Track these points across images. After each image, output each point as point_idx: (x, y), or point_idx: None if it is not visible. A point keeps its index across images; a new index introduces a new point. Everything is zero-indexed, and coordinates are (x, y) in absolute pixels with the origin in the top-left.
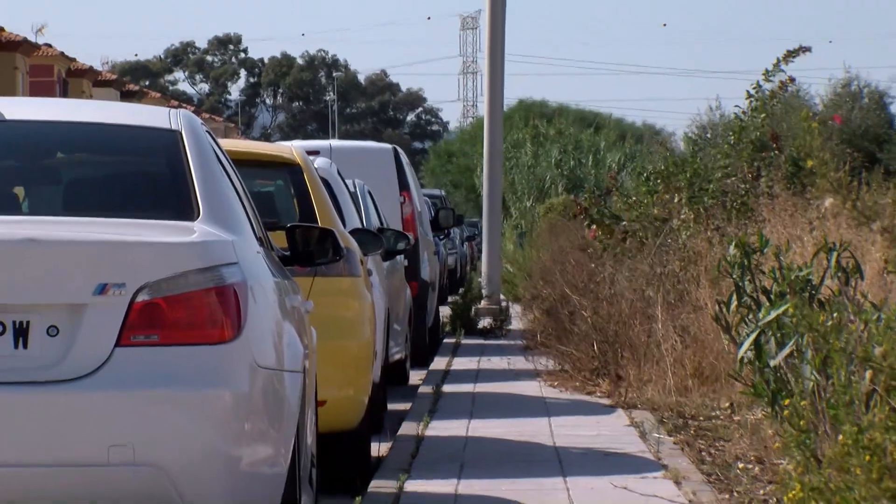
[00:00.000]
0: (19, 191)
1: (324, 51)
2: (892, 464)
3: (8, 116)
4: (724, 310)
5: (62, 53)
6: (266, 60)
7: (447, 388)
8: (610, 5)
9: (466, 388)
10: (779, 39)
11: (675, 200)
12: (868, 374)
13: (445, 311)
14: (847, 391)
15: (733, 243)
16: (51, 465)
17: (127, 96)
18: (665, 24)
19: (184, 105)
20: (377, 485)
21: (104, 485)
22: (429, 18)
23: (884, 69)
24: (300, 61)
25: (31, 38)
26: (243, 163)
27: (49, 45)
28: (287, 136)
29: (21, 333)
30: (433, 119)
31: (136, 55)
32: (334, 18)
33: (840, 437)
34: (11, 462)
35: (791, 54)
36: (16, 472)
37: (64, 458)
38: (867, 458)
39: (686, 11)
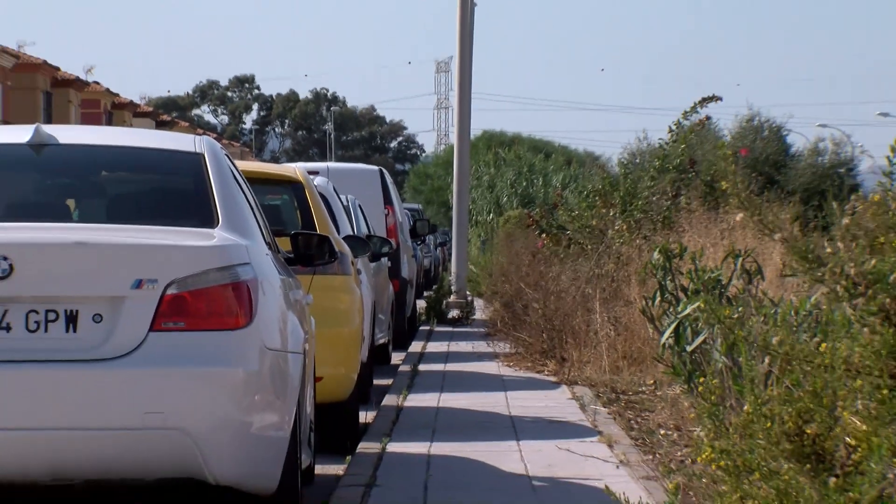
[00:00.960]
0: (71, 202)
1: (324, 88)
2: (787, 430)
3: (62, 141)
4: (650, 304)
5: (107, 89)
6: (275, 96)
7: (422, 367)
8: (560, 52)
9: (438, 367)
10: (697, 82)
11: (610, 214)
12: (766, 359)
13: (421, 304)
14: (749, 372)
15: (657, 249)
16: (96, 429)
17: (161, 125)
18: (603, 69)
19: (207, 133)
20: (364, 446)
21: (140, 445)
22: (409, 63)
23: (781, 107)
24: (304, 97)
25: (83, 77)
26: (255, 180)
27: (97, 83)
28: (292, 159)
29: (71, 320)
30: (412, 146)
31: (168, 91)
32: (333, 62)
33: (745, 408)
34: (64, 426)
35: (705, 101)
36: (67, 435)
37: (107, 423)
38: (767, 425)
39: (623, 56)
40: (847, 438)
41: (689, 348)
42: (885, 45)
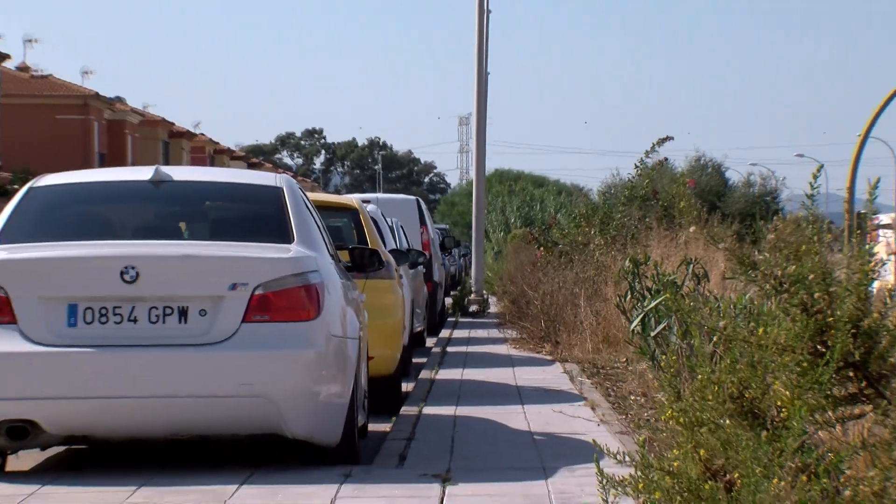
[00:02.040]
0: (182, 225)
1: (376, 137)
2: (730, 394)
3: (175, 178)
4: (623, 300)
5: (210, 139)
6: (338, 143)
7: (450, 349)
8: (553, 109)
9: (462, 349)
10: (658, 131)
11: (592, 232)
12: (713, 340)
13: (448, 301)
14: (700, 350)
15: (628, 259)
16: (202, 397)
17: (251, 167)
18: (586, 122)
19: (285, 171)
20: (405, 410)
21: (235, 408)
22: (438, 118)
23: (720, 149)
24: (360, 144)
25: (192, 130)
26: (322, 207)
27: (202, 134)
28: (350, 191)
29: (182, 314)
30: (441, 181)
31: (256, 140)
32: (382, 116)
33: (698, 377)
34: (178, 395)
35: (661, 141)
36: (181, 402)
37: (210, 392)
38: (715, 390)
39: (600, 112)
40: (776, 401)
41: (652, 334)
42: (802, 100)
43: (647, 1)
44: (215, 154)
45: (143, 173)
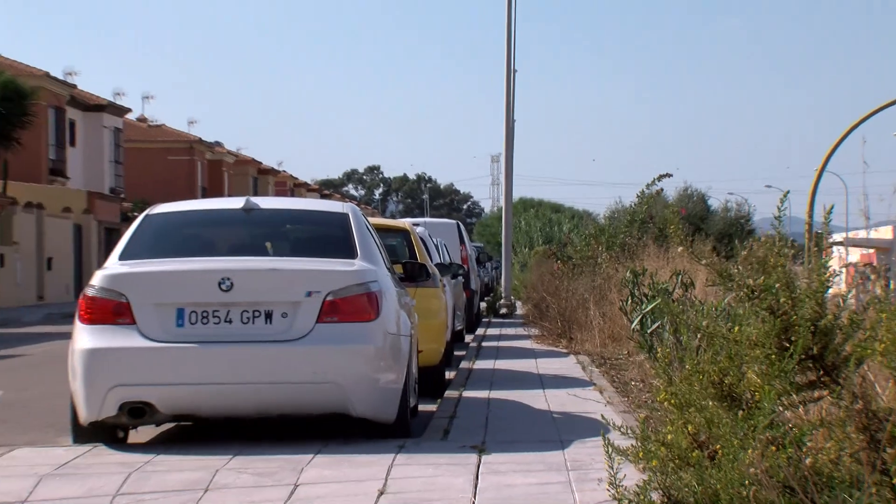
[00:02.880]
0: (268, 244)
1: (424, 172)
2: (712, 380)
3: (262, 207)
4: (625, 304)
5: (291, 175)
6: (393, 177)
7: (484, 344)
8: (567, 148)
9: (494, 343)
10: (654, 168)
11: (599, 249)
12: (698, 337)
13: (483, 305)
14: (687, 345)
15: (629, 271)
16: (284, 383)
17: (323, 197)
18: (594, 160)
19: (350, 200)
20: (448, 393)
21: (311, 392)
22: (474, 157)
23: (704, 181)
24: (411, 178)
25: (276, 167)
26: (380, 229)
27: (284, 171)
28: (403, 216)
29: (268, 316)
30: (476, 207)
31: (327, 175)
32: (428, 155)
33: (686, 367)
34: (264, 381)
35: (661, 176)
36: (267, 387)
37: (290, 379)
38: (700, 377)
39: (607, 150)
40: (749, 387)
41: (649, 331)
42: (771, 141)
43: (648, 62)
44: (294, 187)
45: (236, 203)
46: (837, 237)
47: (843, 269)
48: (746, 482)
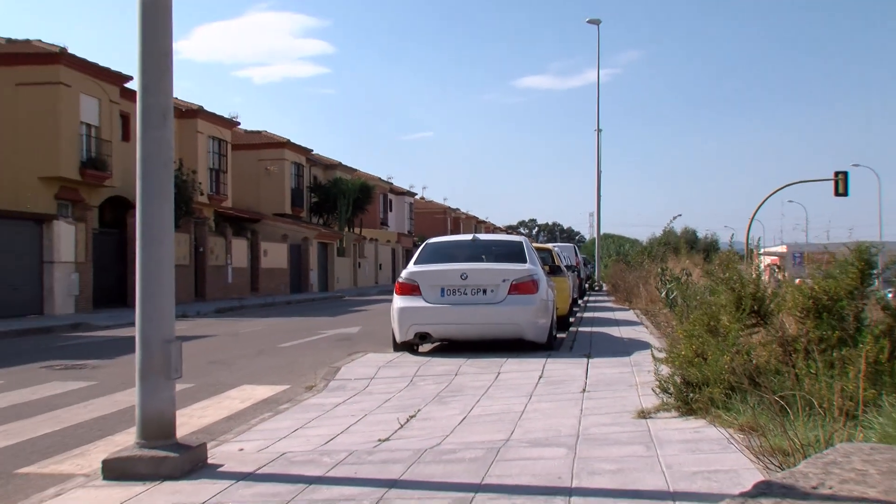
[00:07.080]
0: (484, 257)
1: (555, 221)
2: (704, 322)
3: (480, 238)
4: (658, 284)
5: (492, 223)
6: (541, 223)
7: (588, 303)
8: (629, 201)
9: (592, 303)
10: (665, 214)
11: (645, 257)
12: (696, 301)
13: (586, 286)
14: (690, 304)
15: (659, 268)
16: (493, 324)
17: (508, 233)
18: (680, 215)
19: (521, 234)
20: (571, 329)
21: (506, 328)
22: (581, 212)
23: (707, 224)
24: (548, 224)
25: (482, 218)
26: (538, 249)
27: (489, 221)
28: (547, 242)
29: (484, 291)
30: (582, 237)
31: (508, 223)
32: (557, 210)
33: (692, 315)
34: (484, 323)
35: (674, 217)
36: (484, 325)
37: (496, 321)
38: (697, 321)
39: (645, 200)
40: (723, 326)
41: (670, 298)
42: (732, 188)
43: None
44: (494, 228)
45: (468, 237)
46: (766, 250)
47: (766, 268)
48: (723, 373)
